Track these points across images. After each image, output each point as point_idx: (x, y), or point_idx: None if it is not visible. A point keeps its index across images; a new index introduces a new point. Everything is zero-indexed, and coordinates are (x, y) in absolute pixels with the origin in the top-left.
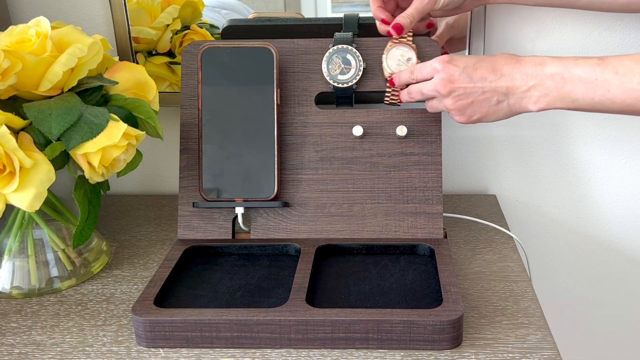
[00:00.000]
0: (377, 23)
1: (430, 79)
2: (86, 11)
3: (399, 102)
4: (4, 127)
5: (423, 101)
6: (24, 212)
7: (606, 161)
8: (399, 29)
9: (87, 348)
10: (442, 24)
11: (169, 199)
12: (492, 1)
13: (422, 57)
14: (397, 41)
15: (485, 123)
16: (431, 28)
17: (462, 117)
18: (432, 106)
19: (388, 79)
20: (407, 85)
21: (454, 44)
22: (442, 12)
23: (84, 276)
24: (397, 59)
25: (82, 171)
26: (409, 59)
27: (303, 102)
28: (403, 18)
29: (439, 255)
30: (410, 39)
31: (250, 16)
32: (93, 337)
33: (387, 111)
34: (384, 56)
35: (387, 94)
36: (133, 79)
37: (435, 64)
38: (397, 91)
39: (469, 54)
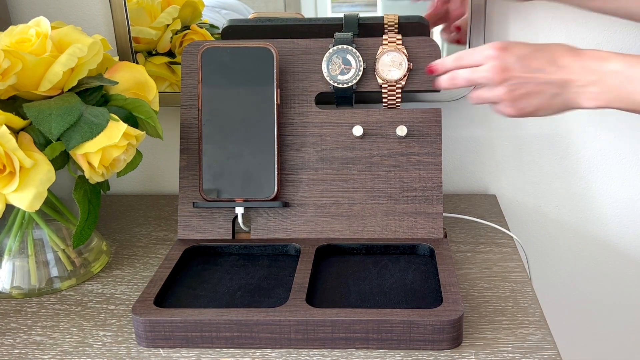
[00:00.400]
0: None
1: (480, 66)
2: (86, 11)
3: (397, 105)
4: (4, 127)
5: (466, 87)
6: (24, 212)
7: (606, 161)
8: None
9: (87, 348)
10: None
11: (169, 199)
12: None
13: (419, 58)
14: (386, 46)
15: (485, 122)
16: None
17: (513, 109)
18: (479, 96)
19: (427, 69)
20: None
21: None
22: None
23: (84, 276)
24: (388, 65)
25: (82, 171)
26: (400, 64)
27: (303, 102)
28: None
29: (439, 255)
30: (400, 43)
31: (250, 16)
32: (93, 337)
33: (387, 111)
34: (376, 63)
35: (384, 98)
36: (133, 79)
37: (489, 51)
38: (394, 93)
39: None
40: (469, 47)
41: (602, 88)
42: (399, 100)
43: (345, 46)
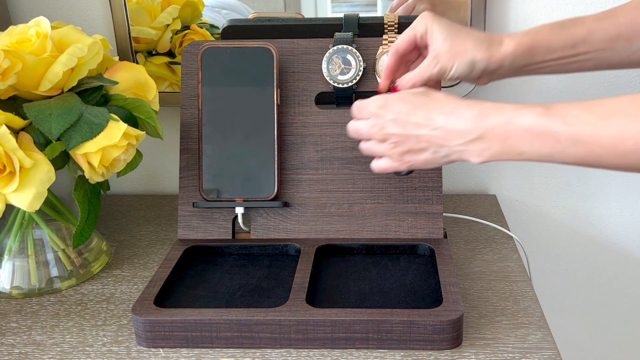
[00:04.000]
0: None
1: (367, 120)
2: (86, 11)
3: None
4: (4, 127)
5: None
6: (24, 212)
7: None
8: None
9: (87, 348)
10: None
11: (169, 199)
12: (505, 75)
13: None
14: (386, 46)
15: None
16: None
17: (400, 163)
18: (367, 148)
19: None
20: None
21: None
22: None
23: (84, 276)
24: None
25: (82, 171)
26: None
27: (303, 102)
28: (404, 82)
29: (439, 255)
30: None
31: (250, 16)
32: (93, 337)
33: None
34: (376, 63)
35: None
36: (133, 79)
37: (370, 107)
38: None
39: None
40: None
41: (484, 145)
42: None
43: (345, 46)
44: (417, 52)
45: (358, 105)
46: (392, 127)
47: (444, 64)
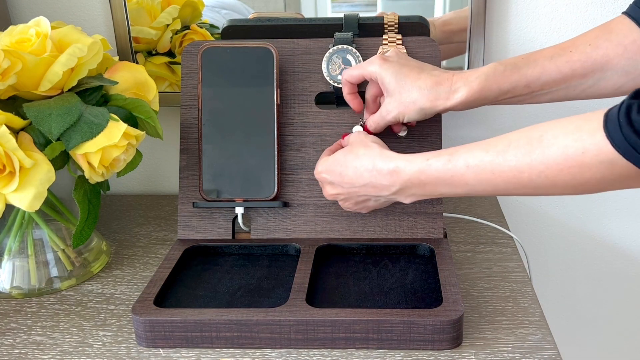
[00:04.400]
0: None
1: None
2: (86, 11)
3: None
4: (4, 127)
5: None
6: (24, 212)
7: None
8: (367, 131)
9: (87, 348)
10: (436, 27)
11: (169, 199)
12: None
13: (419, 58)
14: (386, 46)
15: (485, 122)
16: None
17: (361, 210)
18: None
19: None
20: None
21: (452, 49)
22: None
23: (84, 276)
24: None
25: (82, 171)
26: None
27: (303, 102)
28: (369, 122)
29: (439, 255)
30: (400, 43)
31: (250, 16)
32: (93, 337)
33: None
34: None
35: None
36: (133, 79)
37: (316, 170)
38: None
39: (468, 56)
40: (468, 54)
41: (408, 192)
42: None
43: (345, 46)
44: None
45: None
46: (333, 189)
47: (395, 113)
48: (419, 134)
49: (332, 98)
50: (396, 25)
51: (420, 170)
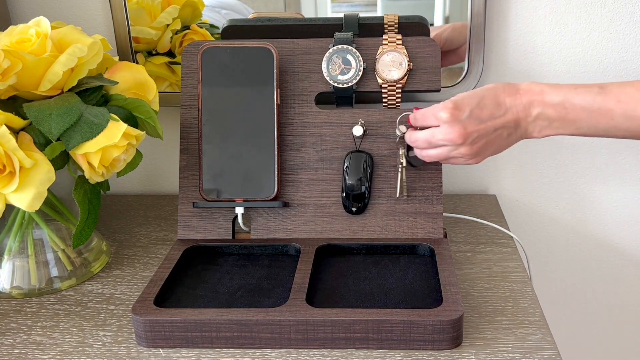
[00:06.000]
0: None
1: (437, 127)
2: (86, 11)
3: (397, 105)
4: (4, 127)
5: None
6: (24, 212)
7: (606, 161)
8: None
9: (87, 348)
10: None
11: (169, 199)
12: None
13: (419, 58)
14: (386, 46)
15: None
16: None
17: (475, 159)
18: (439, 155)
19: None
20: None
21: (450, 57)
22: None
23: (84, 276)
24: (388, 65)
25: (82, 171)
26: (400, 64)
27: (303, 102)
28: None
29: (439, 255)
30: (400, 43)
31: (250, 16)
32: (93, 337)
33: (387, 111)
34: (376, 63)
35: (384, 98)
36: (133, 79)
37: (441, 114)
38: (394, 93)
39: (468, 63)
40: (468, 61)
41: (548, 120)
42: (399, 100)
43: (345, 46)
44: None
45: (422, 114)
46: (471, 124)
47: None
48: None
49: (332, 98)
50: (396, 25)
51: (567, 97)
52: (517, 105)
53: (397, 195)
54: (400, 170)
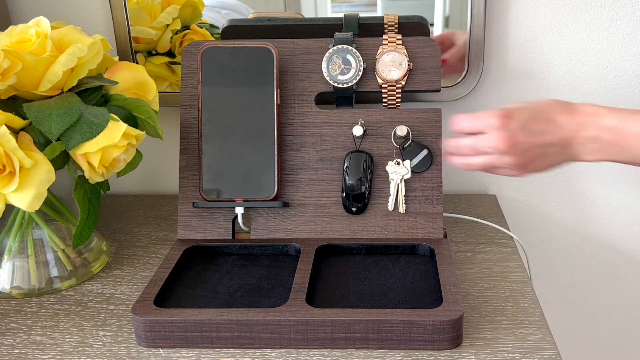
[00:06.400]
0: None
1: (484, 135)
2: (86, 11)
3: (397, 105)
4: (4, 127)
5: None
6: (24, 212)
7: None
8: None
9: (87, 348)
10: None
11: (169, 199)
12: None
13: (419, 58)
14: (386, 46)
15: None
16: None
17: (521, 172)
18: (483, 163)
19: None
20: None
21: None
22: None
23: (84, 276)
24: (388, 65)
25: (82, 171)
26: (400, 64)
27: (303, 102)
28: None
29: (439, 255)
30: (400, 43)
31: (250, 16)
32: (93, 337)
33: (387, 111)
34: (376, 63)
35: (384, 98)
36: (133, 79)
37: (492, 120)
38: (394, 93)
39: (468, 64)
40: (469, 53)
41: (601, 144)
42: (399, 100)
43: (345, 46)
44: None
45: (470, 119)
46: (520, 135)
47: None
48: (418, 134)
49: (332, 98)
50: (396, 25)
51: (623, 121)
52: (570, 124)
53: (391, 208)
54: (399, 182)
